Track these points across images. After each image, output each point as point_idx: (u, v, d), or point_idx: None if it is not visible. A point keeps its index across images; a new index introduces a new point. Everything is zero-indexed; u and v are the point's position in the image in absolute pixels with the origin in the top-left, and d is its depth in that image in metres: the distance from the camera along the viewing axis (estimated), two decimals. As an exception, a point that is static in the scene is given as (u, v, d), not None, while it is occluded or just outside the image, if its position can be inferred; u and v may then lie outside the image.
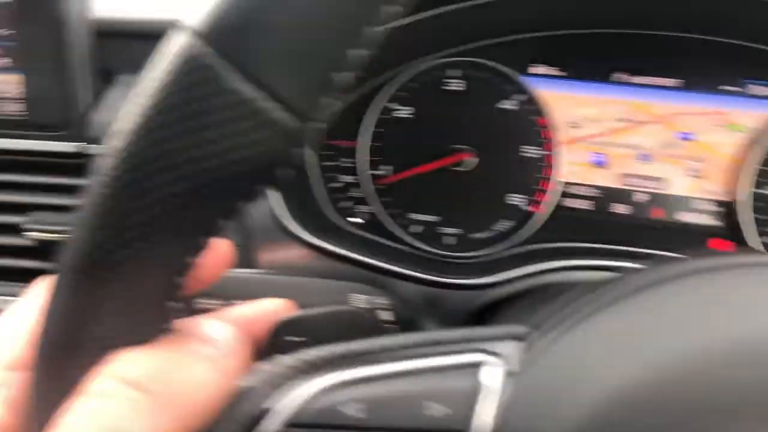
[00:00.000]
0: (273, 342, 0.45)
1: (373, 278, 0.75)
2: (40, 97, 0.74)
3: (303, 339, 0.46)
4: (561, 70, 0.85)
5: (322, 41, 0.29)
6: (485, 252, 0.84)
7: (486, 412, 0.31)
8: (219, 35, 0.28)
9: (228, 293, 0.56)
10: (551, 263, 0.76)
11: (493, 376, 0.32)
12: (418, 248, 0.85)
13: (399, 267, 0.76)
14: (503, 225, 0.85)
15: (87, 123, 0.77)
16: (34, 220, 0.75)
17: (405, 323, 0.58)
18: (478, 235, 0.85)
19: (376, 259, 0.76)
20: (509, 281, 0.76)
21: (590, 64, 0.84)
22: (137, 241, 0.28)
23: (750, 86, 0.82)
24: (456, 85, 0.84)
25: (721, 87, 0.82)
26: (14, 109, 0.74)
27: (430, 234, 0.85)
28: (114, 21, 0.81)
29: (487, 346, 0.34)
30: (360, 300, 0.62)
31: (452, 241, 0.85)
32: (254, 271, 0.67)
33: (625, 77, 0.84)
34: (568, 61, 0.84)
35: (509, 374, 0.32)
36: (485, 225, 0.85)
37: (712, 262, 0.34)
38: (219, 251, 0.35)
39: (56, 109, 0.74)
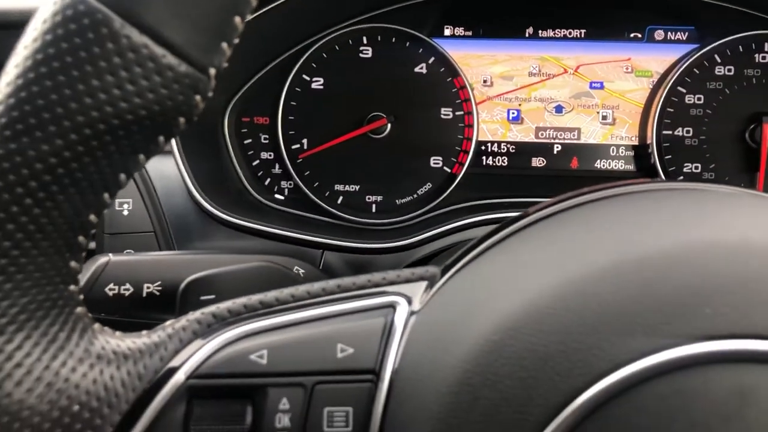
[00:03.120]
0: (184, 301, 0.45)
1: (299, 253, 0.75)
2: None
3: (213, 297, 0.45)
4: (470, 30, 0.85)
5: None
6: (410, 216, 0.85)
7: (391, 349, 0.33)
8: None
9: (144, 275, 0.54)
10: (472, 218, 0.77)
11: (399, 315, 0.34)
12: (343, 218, 0.85)
13: (324, 237, 0.76)
14: (426, 188, 0.86)
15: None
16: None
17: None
18: (402, 201, 0.86)
19: (300, 232, 0.76)
20: (433, 239, 0.77)
21: (498, 22, 0.84)
22: (29, 198, 0.27)
23: (652, 32, 0.84)
24: (364, 52, 0.84)
25: (625, 34, 0.84)
26: None
27: (354, 203, 0.86)
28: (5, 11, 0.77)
29: (400, 288, 0.35)
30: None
31: (377, 208, 0.86)
32: (174, 252, 0.66)
33: (532, 32, 0.85)
34: (476, 21, 0.85)
35: (413, 313, 0.34)
36: (408, 190, 0.86)
37: (574, 200, 0.36)
38: None
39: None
